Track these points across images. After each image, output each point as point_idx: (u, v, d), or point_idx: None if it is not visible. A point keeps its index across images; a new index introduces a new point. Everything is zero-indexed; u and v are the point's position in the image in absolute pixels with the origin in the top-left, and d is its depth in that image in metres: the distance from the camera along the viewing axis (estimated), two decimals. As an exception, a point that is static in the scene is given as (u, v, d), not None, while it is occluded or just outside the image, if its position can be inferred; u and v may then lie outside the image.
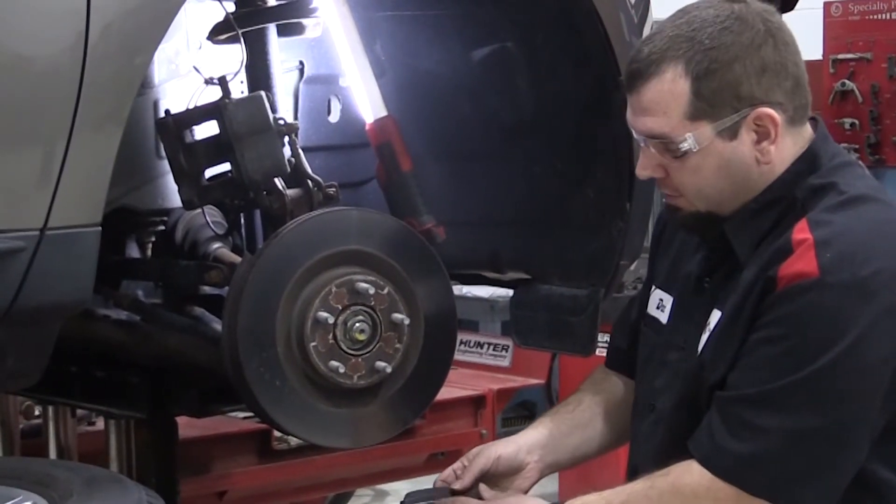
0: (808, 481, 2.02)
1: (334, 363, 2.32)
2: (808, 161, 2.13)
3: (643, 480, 2.12)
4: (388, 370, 2.37)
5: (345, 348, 2.35)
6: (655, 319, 2.31)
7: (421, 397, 2.44)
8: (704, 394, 2.12)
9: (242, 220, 2.75)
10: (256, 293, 2.31)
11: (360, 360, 2.35)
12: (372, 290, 2.35)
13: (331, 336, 2.32)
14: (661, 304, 2.31)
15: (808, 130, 2.17)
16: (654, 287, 2.35)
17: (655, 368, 2.27)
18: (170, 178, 2.60)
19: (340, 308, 2.33)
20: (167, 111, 2.56)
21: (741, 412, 2.04)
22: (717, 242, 2.19)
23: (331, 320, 2.33)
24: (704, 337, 2.16)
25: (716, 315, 2.14)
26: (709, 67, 2.07)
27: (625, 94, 2.16)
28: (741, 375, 2.06)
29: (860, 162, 2.27)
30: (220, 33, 2.66)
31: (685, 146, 2.09)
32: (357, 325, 2.35)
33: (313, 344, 2.31)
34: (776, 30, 2.14)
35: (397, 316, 2.37)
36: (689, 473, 2.07)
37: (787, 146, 2.12)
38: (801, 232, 2.05)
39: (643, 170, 2.17)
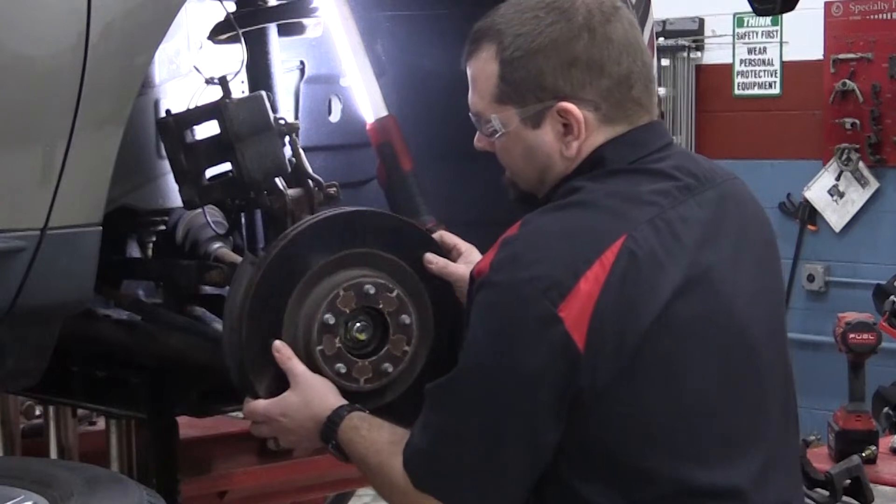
0: (460, 481, 1.98)
1: (340, 367, 2.28)
2: (591, 164, 2.06)
3: (390, 445, 2.08)
4: (396, 373, 2.33)
5: (351, 352, 2.30)
6: None
7: None
8: None
9: (243, 220, 2.75)
10: (262, 296, 2.27)
11: (367, 363, 2.30)
12: (381, 293, 2.30)
13: (338, 340, 2.28)
14: None
15: (636, 131, 2.08)
16: None
17: None
18: (170, 178, 2.60)
19: (348, 311, 2.28)
20: (168, 111, 2.56)
21: (425, 406, 2.04)
22: None
23: (338, 324, 2.28)
24: None
25: None
26: (513, 54, 2.05)
27: None
28: None
29: (668, 173, 2.05)
30: (220, 33, 2.66)
31: (491, 127, 2.11)
32: (365, 328, 2.31)
33: (319, 348, 2.26)
34: (599, 24, 2.04)
35: (406, 318, 2.33)
36: (393, 459, 2.05)
37: (598, 144, 2.06)
38: (510, 230, 2.02)
39: (477, 142, 2.19)
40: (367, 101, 2.90)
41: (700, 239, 2.02)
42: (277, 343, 2.25)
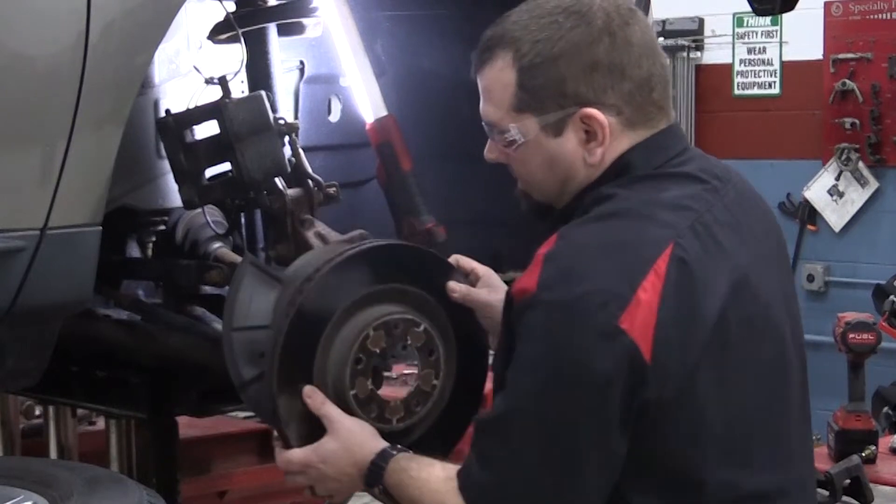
0: None
1: (374, 409, 2.19)
2: (617, 170, 2.02)
3: (446, 482, 1.99)
4: (426, 409, 2.26)
5: (383, 392, 2.21)
6: None
7: (454, 431, 2.31)
8: None
9: (243, 220, 2.75)
10: (293, 345, 2.16)
11: (398, 402, 2.22)
12: (409, 329, 2.22)
13: (369, 382, 2.19)
14: None
15: (658, 135, 2.05)
16: None
17: None
18: (170, 178, 2.60)
19: (378, 352, 2.20)
20: (168, 111, 2.56)
21: (480, 439, 1.96)
22: None
23: (369, 365, 2.19)
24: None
25: None
26: (532, 61, 2.00)
27: None
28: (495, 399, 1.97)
29: (695, 176, 2.04)
30: (220, 33, 2.66)
31: (510, 137, 2.05)
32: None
33: (353, 392, 2.17)
34: (618, 27, 2.01)
35: (434, 352, 2.25)
36: (454, 497, 1.97)
37: (621, 149, 2.03)
38: (546, 245, 1.96)
39: (488, 153, 2.13)
40: (366, 100, 2.91)
41: (734, 241, 2.00)
42: (308, 389, 2.14)
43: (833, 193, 6.86)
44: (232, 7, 2.63)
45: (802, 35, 6.92)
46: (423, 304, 2.26)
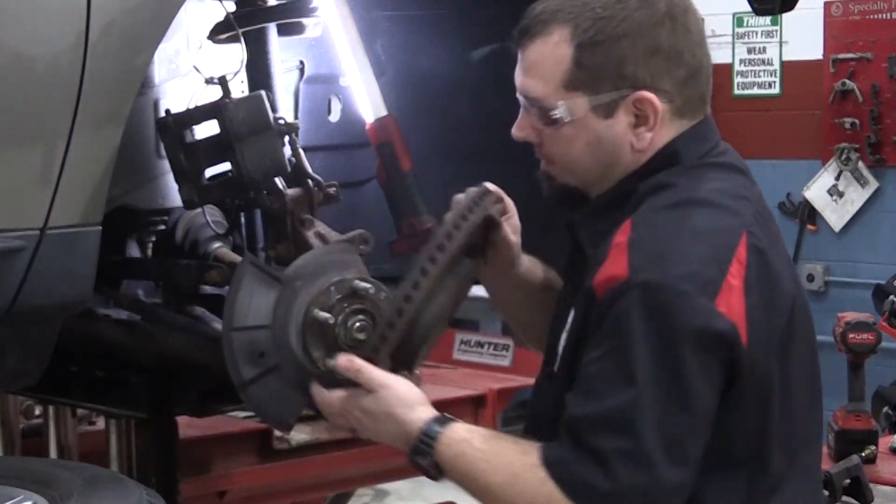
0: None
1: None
2: (665, 158, 2.01)
3: (522, 455, 1.93)
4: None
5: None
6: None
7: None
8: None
9: (243, 220, 2.75)
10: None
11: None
12: None
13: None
14: None
15: (699, 126, 2.06)
16: None
17: (549, 333, 2.17)
18: (170, 178, 2.60)
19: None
20: (167, 111, 2.56)
21: (584, 435, 1.88)
22: (571, 234, 2.12)
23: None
24: (563, 336, 2.05)
25: (571, 313, 2.03)
26: (594, 38, 1.97)
27: None
28: (580, 394, 1.91)
29: (738, 167, 2.07)
30: (220, 33, 2.66)
31: (556, 115, 2.01)
32: (364, 328, 2.22)
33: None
34: (680, 13, 2.02)
35: None
36: (545, 485, 1.90)
37: (668, 137, 2.02)
38: (622, 234, 1.93)
39: (518, 131, 2.09)
40: (366, 100, 2.91)
41: (776, 230, 2.04)
42: (344, 360, 2.06)
43: (833, 193, 6.86)
44: (232, 7, 2.63)
45: (802, 35, 6.91)
46: (478, 253, 2.21)
